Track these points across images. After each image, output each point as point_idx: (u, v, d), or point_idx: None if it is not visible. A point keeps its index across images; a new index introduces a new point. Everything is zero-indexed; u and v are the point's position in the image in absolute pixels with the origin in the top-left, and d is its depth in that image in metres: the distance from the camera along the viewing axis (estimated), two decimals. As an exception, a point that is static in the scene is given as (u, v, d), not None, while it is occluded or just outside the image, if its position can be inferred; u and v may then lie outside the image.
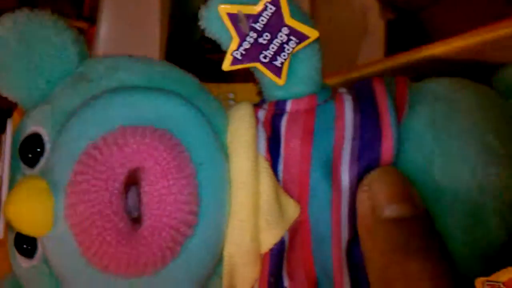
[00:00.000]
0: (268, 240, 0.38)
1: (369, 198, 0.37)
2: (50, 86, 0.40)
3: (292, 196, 0.39)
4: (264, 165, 0.39)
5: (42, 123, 0.38)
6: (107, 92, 0.38)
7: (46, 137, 0.38)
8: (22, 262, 0.39)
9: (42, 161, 0.38)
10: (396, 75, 0.42)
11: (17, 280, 0.41)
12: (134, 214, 0.35)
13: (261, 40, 0.39)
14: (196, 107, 0.38)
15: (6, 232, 0.40)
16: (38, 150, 0.38)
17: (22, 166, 0.39)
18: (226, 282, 0.39)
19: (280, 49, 0.39)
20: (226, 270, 0.39)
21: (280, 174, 0.39)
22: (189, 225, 0.35)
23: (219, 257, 0.38)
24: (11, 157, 0.39)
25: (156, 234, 0.34)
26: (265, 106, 0.41)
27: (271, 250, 0.39)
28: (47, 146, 0.38)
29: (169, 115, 0.37)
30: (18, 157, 0.39)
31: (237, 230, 0.38)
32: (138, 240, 0.34)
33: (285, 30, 0.39)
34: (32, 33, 0.39)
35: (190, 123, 0.37)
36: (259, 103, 0.42)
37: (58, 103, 0.39)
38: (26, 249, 0.38)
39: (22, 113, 0.43)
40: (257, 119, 0.40)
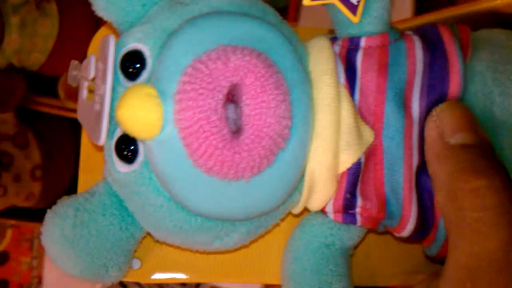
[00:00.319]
0: (347, 160, 0.42)
1: (437, 126, 0.41)
2: (145, 9, 0.43)
3: (367, 123, 0.42)
4: (344, 92, 0.42)
5: (143, 41, 0.41)
6: (205, 14, 0.41)
7: (147, 52, 0.41)
8: (121, 167, 0.41)
9: (144, 74, 0.40)
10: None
11: (109, 185, 0.44)
12: (232, 128, 0.38)
13: (341, -22, 0.42)
14: (283, 34, 0.41)
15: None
16: (138, 65, 0.41)
17: (122, 79, 0.41)
18: (305, 196, 0.43)
19: (358, -13, 0.42)
20: (306, 185, 0.42)
21: (356, 103, 0.42)
22: (283, 138, 0.38)
23: (302, 174, 0.42)
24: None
25: (256, 142, 0.37)
26: (338, 42, 0.44)
27: (349, 170, 0.42)
28: (149, 61, 0.40)
29: (263, 38, 0.40)
30: (119, 71, 0.41)
31: (320, 148, 0.41)
32: (240, 146, 0.37)
33: (364, -30, 0.42)
34: None
35: (281, 47, 0.40)
36: (332, 40, 0.45)
37: (158, 23, 0.41)
38: (127, 155, 0.41)
39: (110, 28, 0.46)
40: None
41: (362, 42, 0.43)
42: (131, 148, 0.41)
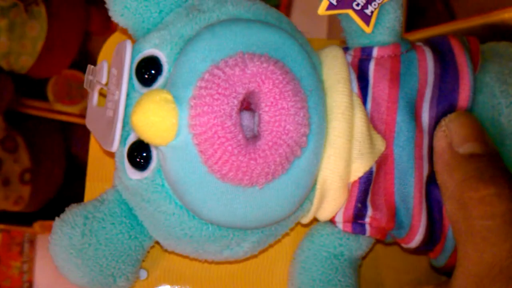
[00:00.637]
0: (359, 168, 0.42)
1: (446, 136, 0.41)
2: (161, 16, 0.42)
3: (378, 132, 0.42)
4: (357, 101, 0.42)
5: (160, 46, 0.41)
6: (223, 21, 0.40)
7: (164, 58, 0.40)
8: (133, 174, 0.41)
9: (160, 80, 0.40)
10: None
11: (119, 192, 0.44)
12: (248, 134, 0.38)
13: (356, -12, 0.42)
14: (298, 42, 0.41)
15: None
16: (154, 71, 0.40)
17: (137, 85, 0.41)
18: (316, 205, 0.43)
19: (372, -2, 0.42)
20: (317, 194, 0.42)
21: (368, 111, 0.43)
22: (301, 146, 0.38)
23: (314, 182, 0.42)
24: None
25: (273, 149, 0.37)
26: (350, 52, 0.44)
27: (360, 179, 0.42)
28: (165, 67, 0.40)
29: (280, 46, 0.40)
30: (134, 76, 0.41)
31: (333, 157, 0.41)
32: (256, 152, 0.37)
33: (378, -19, 0.42)
34: None
35: (297, 55, 0.40)
36: (343, 49, 0.45)
37: (175, 29, 0.41)
38: (139, 161, 0.41)
39: (124, 33, 0.45)
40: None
41: (375, 52, 0.43)
42: (144, 154, 0.40)
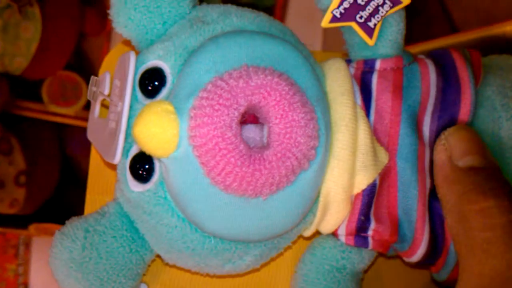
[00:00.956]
0: (362, 181, 0.42)
1: (446, 150, 0.41)
2: (165, 27, 0.42)
3: (381, 144, 0.42)
4: (361, 113, 0.42)
5: (164, 58, 0.40)
6: (227, 33, 0.40)
7: (168, 70, 0.40)
8: (135, 187, 0.41)
9: (164, 92, 0.40)
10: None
11: (120, 205, 0.43)
12: (254, 145, 0.38)
13: (359, 1, 0.42)
14: (302, 54, 0.41)
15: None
16: (157, 83, 0.40)
17: (140, 97, 0.41)
18: (318, 218, 0.42)
19: (375, 11, 0.42)
20: (321, 206, 0.42)
21: (371, 124, 0.43)
22: (309, 159, 0.38)
23: (317, 194, 0.41)
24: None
25: (281, 161, 0.37)
26: (353, 64, 0.44)
27: (364, 191, 0.42)
28: (169, 79, 0.40)
29: (284, 58, 0.40)
30: (137, 88, 0.41)
31: (336, 169, 0.41)
32: (261, 162, 0.36)
33: (382, -6, 0.42)
34: None
35: (301, 67, 0.40)
36: (346, 62, 0.44)
37: (179, 41, 0.41)
38: (142, 174, 0.40)
39: (127, 44, 0.45)
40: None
41: (377, 65, 0.43)
42: (146, 167, 0.40)
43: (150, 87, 0.40)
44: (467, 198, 0.40)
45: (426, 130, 0.43)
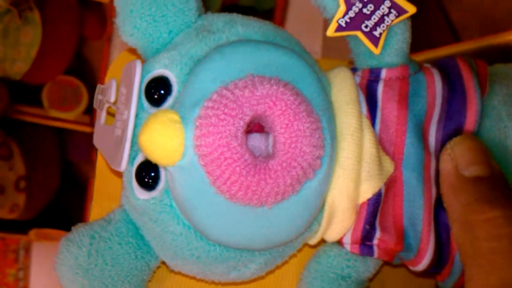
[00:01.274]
0: (368, 190, 0.42)
1: (452, 159, 0.41)
2: (171, 36, 0.42)
3: (387, 154, 0.43)
4: (366, 122, 0.42)
5: (170, 67, 0.41)
6: (233, 42, 0.40)
7: (173, 79, 0.40)
8: (141, 194, 0.41)
9: (169, 100, 0.40)
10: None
11: (126, 212, 0.44)
12: (259, 154, 0.38)
13: (365, 10, 0.42)
14: (308, 63, 0.41)
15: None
16: (163, 92, 0.40)
17: (146, 105, 0.41)
18: (324, 226, 0.42)
19: (380, 20, 0.42)
20: (326, 215, 0.42)
21: (377, 133, 0.43)
22: (314, 168, 0.38)
23: (323, 203, 0.41)
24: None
25: (286, 170, 0.37)
26: (358, 73, 0.44)
27: (369, 200, 0.42)
28: (175, 87, 0.40)
29: (289, 68, 0.40)
30: (143, 96, 0.41)
31: (342, 178, 0.41)
32: (266, 172, 0.37)
33: (387, 3, 0.42)
34: None
35: (307, 76, 0.40)
36: (351, 70, 0.45)
37: (185, 50, 0.41)
38: (147, 181, 0.40)
39: (133, 52, 0.45)
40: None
41: (383, 74, 0.43)
42: (152, 174, 0.40)
43: (156, 96, 0.41)
44: (473, 208, 0.40)
45: (432, 140, 0.43)
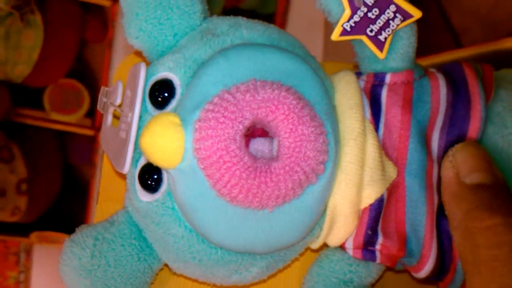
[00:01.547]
0: (370, 195, 0.42)
1: (453, 166, 0.41)
2: (176, 39, 0.43)
3: (390, 159, 0.42)
4: (369, 127, 0.42)
5: (174, 70, 0.41)
6: (237, 46, 0.41)
7: (177, 81, 0.41)
8: (143, 196, 0.41)
9: (173, 103, 0.40)
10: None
11: (129, 214, 0.44)
12: (260, 157, 0.38)
13: (370, 14, 0.42)
14: (311, 67, 0.41)
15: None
16: (167, 94, 0.41)
17: (150, 108, 0.41)
18: (325, 231, 0.42)
19: (385, 24, 0.42)
20: (328, 220, 0.42)
21: (380, 138, 0.43)
22: (317, 173, 0.38)
23: (324, 208, 0.41)
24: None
25: (288, 174, 0.37)
26: (363, 77, 0.44)
27: (371, 206, 0.42)
28: (178, 90, 0.40)
29: (293, 72, 0.40)
30: (147, 99, 0.41)
31: (344, 182, 0.41)
32: (267, 175, 0.37)
33: (392, 7, 0.42)
34: None
35: (310, 80, 0.40)
36: (356, 74, 0.45)
37: (189, 53, 0.41)
38: (150, 184, 0.41)
39: (139, 55, 0.46)
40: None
41: (387, 78, 0.43)
42: (155, 177, 0.40)
43: (160, 99, 0.41)
44: (473, 215, 0.39)
45: (435, 146, 0.43)
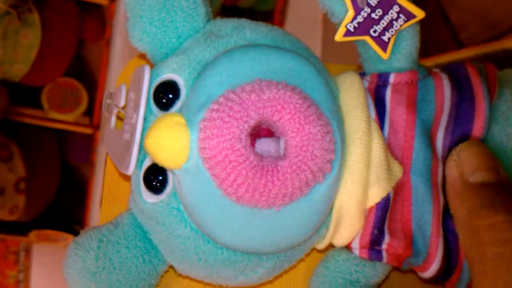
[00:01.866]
0: (376, 194, 0.42)
1: (458, 165, 0.41)
2: (179, 41, 0.43)
3: (395, 158, 0.42)
4: (375, 126, 0.42)
5: (178, 71, 0.41)
6: (241, 47, 0.41)
7: (182, 83, 0.41)
8: (148, 198, 0.41)
9: (178, 104, 0.40)
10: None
11: (134, 216, 0.44)
12: (266, 156, 0.38)
13: (373, 15, 0.42)
14: (315, 67, 0.41)
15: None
16: (171, 96, 0.41)
17: (155, 109, 0.41)
18: (332, 231, 0.42)
19: (389, 25, 0.42)
20: (334, 219, 0.42)
21: (385, 137, 0.43)
22: (324, 172, 0.38)
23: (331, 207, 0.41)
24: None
25: (295, 173, 0.37)
26: (367, 77, 0.44)
27: (377, 205, 0.42)
28: (183, 92, 0.40)
29: (297, 72, 0.40)
30: (152, 101, 0.41)
31: (350, 182, 0.41)
32: (274, 174, 0.37)
33: (396, 8, 0.42)
34: None
35: (315, 80, 0.40)
36: (360, 75, 0.45)
37: (193, 54, 0.41)
38: (155, 185, 0.41)
39: (143, 58, 0.45)
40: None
41: (391, 78, 0.43)
42: (160, 178, 0.40)
43: (164, 100, 0.41)
44: (478, 213, 0.40)
45: (439, 146, 0.43)
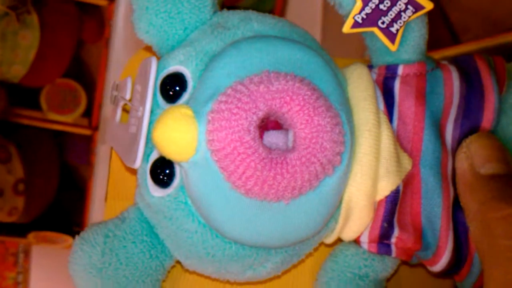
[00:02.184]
0: (385, 187, 0.41)
1: (468, 157, 0.41)
2: (186, 33, 0.42)
3: (405, 151, 0.42)
4: (384, 118, 0.42)
5: (185, 63, 0.40)
6: (249, 38, 0.40)
7: (189, 74, 0.40)
8: (155, 192, 0.40)
9: (185, 96, 0.40)
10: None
11: (140, 210, 0.43)
12: (276, 148, 0.37)
13: (381, 6, 0.42)
14: (323, 59, 0.41)
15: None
16: (178, 88, 0.40)
17: (162, 102, 0.41)
18: (341, 224, 0.42)
19: (397, 16, 0.42)
20: (343, 212, 0.41)
21: (394, 130, 0.42)
22: (334, 165, 0.37)
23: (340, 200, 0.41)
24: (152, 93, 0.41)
25: (305, 165, 0.36)
26: (375, 69, 0.44)
27: (387, 198, 0.42)
28: (190, 84, 0.40)
29: (305, 63, 0.39)
30: (158, 93, 0.41)
31: (359, 174, 0.40)
32: (283, 166, 0.36)
33: (404, -1, 0.42)
34: None
35: (323, 72, 0.40)
36: (368, 67, 0.44)
37: (200, 46, 0.41)
38: (162, 179, 0.40)
39: (149, 50, 0.45)
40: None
41: (400, 70, 0.43)
42: (167, 171, 0.40)
43: (171, 92, 0.40)
44: (489, 206, 0.39)
45: (449, 138, 0.42)
